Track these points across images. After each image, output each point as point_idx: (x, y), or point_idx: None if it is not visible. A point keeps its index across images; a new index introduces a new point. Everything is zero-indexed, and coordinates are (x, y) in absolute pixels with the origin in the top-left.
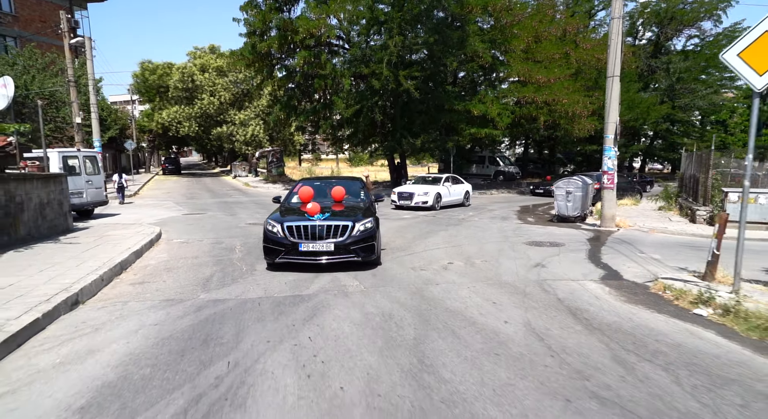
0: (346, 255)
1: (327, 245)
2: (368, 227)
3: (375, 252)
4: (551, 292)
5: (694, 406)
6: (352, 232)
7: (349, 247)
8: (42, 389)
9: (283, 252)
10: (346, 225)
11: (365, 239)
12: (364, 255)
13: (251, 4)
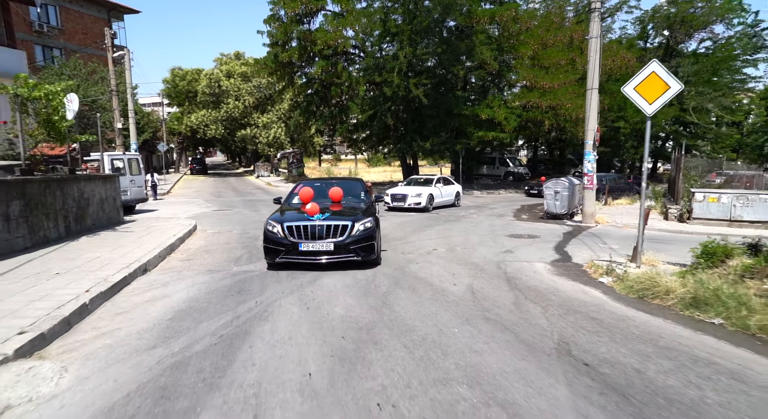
0: (346, 255)
1: (327, 244)
2: (368, 227)
3: (375, 252)
4: (503, 268)
5: (543, 323)
6: (352, 232)
7: (348, 246)
8: (142, 312)
9: (283, 252)
10: (345, 225)
11: (365, 239)
12: (363, 255)
13: (274, 18)
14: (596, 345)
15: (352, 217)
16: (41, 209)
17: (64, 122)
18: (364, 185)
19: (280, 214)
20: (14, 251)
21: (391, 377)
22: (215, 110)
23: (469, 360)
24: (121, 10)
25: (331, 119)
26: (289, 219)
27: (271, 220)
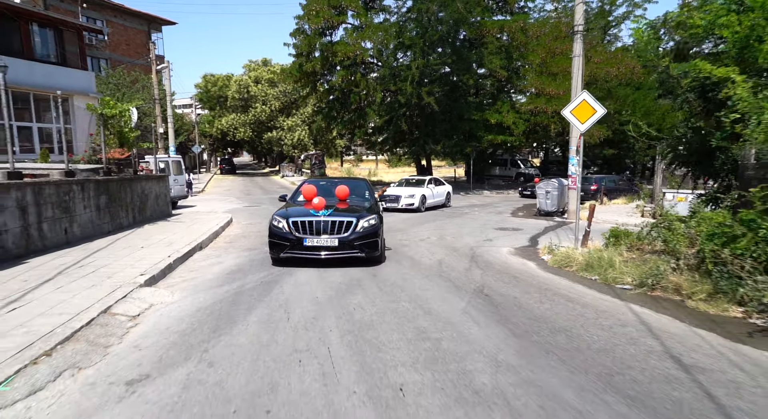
0: (350, 251)
1: (331, 240)
2: (372, 224)
3: (378, 249)
4: (474, 250)
5: (477, 278)
6: (356, 228)
7: (353, 243)
8: (207, 270)
9: (287, 247)
10: (350, 221)
11: (369, 236)
12: (367, 251)
13: (299, 31)
14: (501, 288)
15: (357, 214)
16: (118, 202)
17: (132, 132)
18: (368, 185)
19: (285, 210)
20: (102, 234)
21: (365, 298)
22: (244, 114)
23: (416, 293)
24: (160, 22)
25: (351, 124)
26: (294, 215)
27: (277, 215)
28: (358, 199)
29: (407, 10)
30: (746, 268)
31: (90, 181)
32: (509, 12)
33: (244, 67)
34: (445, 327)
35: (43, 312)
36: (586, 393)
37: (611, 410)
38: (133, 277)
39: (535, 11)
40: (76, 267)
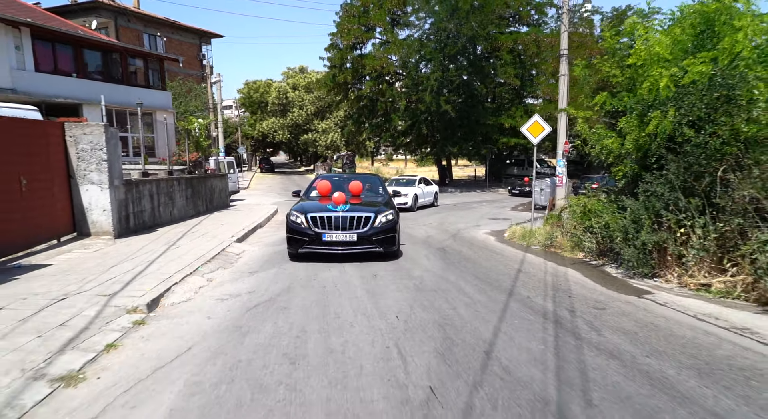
0: (369, 246)
1: (350, 235)
2: (390, 219)
3: (396, 244)
4: (458, 231)
5: (447, 245)
6: (374, 223)
7: (371, 238)
8: (269, 238)
9: (306, 242)
10: (368, 216)
11: (387, 231)
12: (385, 246)
13: (332, 46)
14: (456, 247)
15: (375, 209)
16: (197, 194)
17: (205, 141)
18: (381, 180)
19: (301, 205)
20: (189, 216)
21: None
22: (282, 118)
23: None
24: (210, 35)
25: (378, 128)
26: (312, 210)
27: (294, 210)
28: (372, 194)
29: (428, 26)
30: (587, 233)
31: (182, 178)
32: (525, 23)
33: (283, 75)
34: (409, 261)
35: (192, 249)
36: (465, 279)
37: (472, 284)
38: (228, 238)
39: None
40: (190, 233)
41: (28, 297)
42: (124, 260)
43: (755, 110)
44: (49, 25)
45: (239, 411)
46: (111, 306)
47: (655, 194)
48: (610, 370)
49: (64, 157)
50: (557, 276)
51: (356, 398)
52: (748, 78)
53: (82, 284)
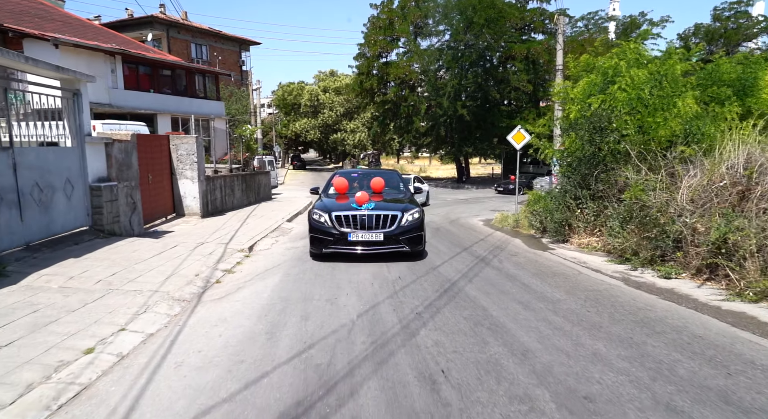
0: (395, 246)
1: (376, 235)
2: (416, 218)
3: (422, 243)
4: (458, 218)
5: (444, 228)
6: (401, 222)
7: (398, 237)
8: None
9: (331, 242)
10: (394, 215)
11: (413, 229)
12: (412, 246)
13: (360, 55)
14: (448, 228)
15: (401, 207)
16: (249, 187)
17: (255, 144)
18: (401, 176)
19: (323, 203)
20: (243, 206)
21: None
22: (314, 119)
23: None
24: (248, 43)
25: (401, 129)
26: (336, 208)
27: (317, 209)
28: (394, 191)
29: (448, 37)
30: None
31: (239, 174)
32: (540, 31)
33: (315, 78)
34: None
35: (258, 225)
36: (441, 243)
37: (444, 245)
38: (280, 218)
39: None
40: (251, 215)
41: (182, 244)
42: (218, 229)
43: (619, 135)
44: (136, 52)
45: (311, 283)
46: (229, 248)
47: (565, 189)
48: (492, 274)
49: (169, 159)
50: (504, 242)
51: (357, 277)
52: (620, 115)
53: (205, 239)
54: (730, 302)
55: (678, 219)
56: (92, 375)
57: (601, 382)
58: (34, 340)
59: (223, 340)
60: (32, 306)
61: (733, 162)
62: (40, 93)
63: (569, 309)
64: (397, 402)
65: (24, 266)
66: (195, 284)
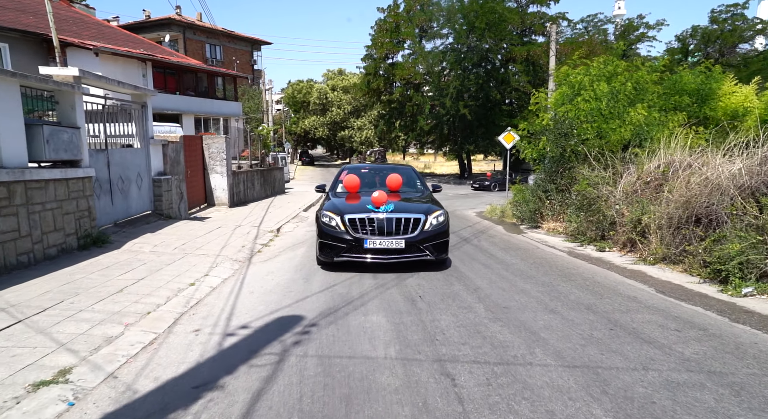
0: (418, 254)
1: (397, 241)
2: (441, 221)
3: (447, 250)
4: (455, 210)
5: None
6: (424, 226)
7: (421, 244)
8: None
9: (344, 249)
10: (417, 218)
11: (438, 235)
12: (437, 254)
13: (368, 57)
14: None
15: (423, 209)
16: (266, 182)
17: (270, 142)
18: (416, 172)
19: (333, 203)
20: (261, 198)
21: None
22: (322, 116)
23: None
24: (260, 43)
25: (406, 128)
26: (349, 210)
27: (327, 211)
28: (411, 190)
29: (452, 40)
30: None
31: (258, 170)
32: (540, 34)
33: (323, 76)
34: None
35: (279, 213)
36: None
37: None
38: (297, 208)
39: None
40: (271, 206)
41: (223, 226)
42: (246, 216)
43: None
44: (163, 58)
45: None
46: (261, 230)
47: (537, 183)
48: (469, 249)
49: (202, 157)
50: (488, 228)
51: None
52: (580, 122)
53: (240, 223)
54: (636, 265)
55: (614, 207)
56: (201, 295)
57: (518, 301)
58: (154, 279)
59: (275, 282)
60: (140, 261)
61: (658, 163)
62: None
63: (517, 268)
64: (390, 308)
65: (119, 236)
66: (243, 252)
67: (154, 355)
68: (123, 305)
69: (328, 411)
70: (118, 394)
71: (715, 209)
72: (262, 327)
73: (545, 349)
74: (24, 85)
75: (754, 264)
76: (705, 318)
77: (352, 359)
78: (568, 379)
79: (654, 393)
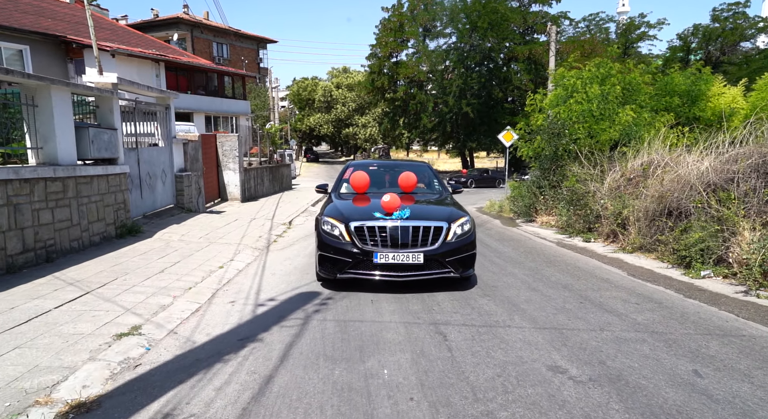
0: (439, 271)
1: (414, 255)
2: (466, 230)
3: (474, 265)
4: None
5: None
6: (447, 237)
7: (443, 258)
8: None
9: (349, 264)
10: (439, 227)
11: (464, 247)
12: (462, 270)
13: (372, 55)
14: None
15: (445, 214)
16: (275, 178)
17: (278, 140)
18: (433, 170)
19: (337, 207)
20: (270, 194)
21: None
22: (327, 114)
23: None
24: (266, 41)
25: (409, 126)
26: (355, 216)
27: (328, 217)
28: (428, 191)
29: (455, 40)
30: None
31: (267, 167)
32: (542, 33)
33: (328, 74)
34: None
35: (289, 207)
36: None
37: None
38: (306, 203)
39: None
40: (281, 201)
41: (239, 219)
42: (259, 210)
43: (572, 139)
44: (174, 58)
45: None
46: (274, 222)
47: (532, 180)
48: None
49: (216, 154)
50: (485, 222)
51: None
52: (572, 123)
53: (254, 216)
54: (615, 253)
55: (599, 202)
56: (230, 275)
57: (505, 282)
58: (188, 262)
59: (293, 266)
60: (172, 248)
61: (641, 161)
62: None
63: (509, 256)
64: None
65: (149, 227)
66: (261, 241)
67: (202, 319)
68: (167, 282)
69: (346, 356)
70: (181, 343)
71: (684, 203)
72: (286, 300)
73: (523, 316)
74: (73, 93)
75: (713, 250)
76: (663, 294)
77: (364, 322)
78: (538, 337)
79: (603, 345)
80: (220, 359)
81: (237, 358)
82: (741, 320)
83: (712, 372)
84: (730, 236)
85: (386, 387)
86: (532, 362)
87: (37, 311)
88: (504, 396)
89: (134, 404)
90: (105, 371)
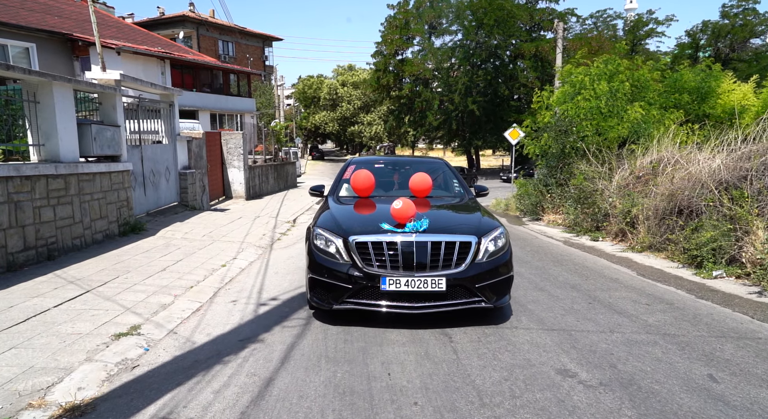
0: (467, 300)
1: (434, 281)
2: (500, 246)
3: (510, 290)
4: None
5: None
6: (477, 255)
7: (472, 284)
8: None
9: (348, 292)
10: (466, 243)
11: (499, 268)
12: (496, 299)
13: (378, 53)
14: None
15: (473, 225)
16: (280, 176)
17: (283, 138)
18: (453, 169)
19: (333, 216)
20: (275, 191)
21: None
22: (332, 111)
23: None
24: (271, 39)
25: (415, 124)
26: (356, 229)
27: (322, 228)
28: (446, 194)
29: (461, 37)
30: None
31: (272, 164)
32: (549, 30)
33: (333, 72)
34: None
35: (294, 205)
36: None
37: None
38: (310, 201)
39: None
40: (286, 199)
41: (243, 217)
42: (263, 208)
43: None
44: (180, 56)
45: None
46: (279, 220)
47: (539, 178)
48: None
49: (221, 152)
50: None
51: None
52: (580, 120)
53: (258, 214)
54: (625, 252)
55: (607, 200)
56: (232, 274)
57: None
58: (190, 261)
59: (296, 265)
60: (175, 246)
61: (650, 159)
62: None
63: (515, 255)
64: None
65: (153, 225)
66: (264, 239)
67: (203, 318)
68: (169, 281)
69: (348, 357)
70: (180, 343)
71: (695, 201)
72: (289, 299)
73: (530, 317)
74: (76, 90)
75: (725, 250)
76: (674, 295)
77: (367, 322)
78: (546, 338)
79: (614, 347)
80: (220, 360)
81: (237, 359)
82: (756, 322)
83: (727, 377)
84: (743, 236)
85: (389, 391)
86: (540, 365)
87: (35, 310)
88: (511, 401)
89: (130, 407)
90: (101, 372)
